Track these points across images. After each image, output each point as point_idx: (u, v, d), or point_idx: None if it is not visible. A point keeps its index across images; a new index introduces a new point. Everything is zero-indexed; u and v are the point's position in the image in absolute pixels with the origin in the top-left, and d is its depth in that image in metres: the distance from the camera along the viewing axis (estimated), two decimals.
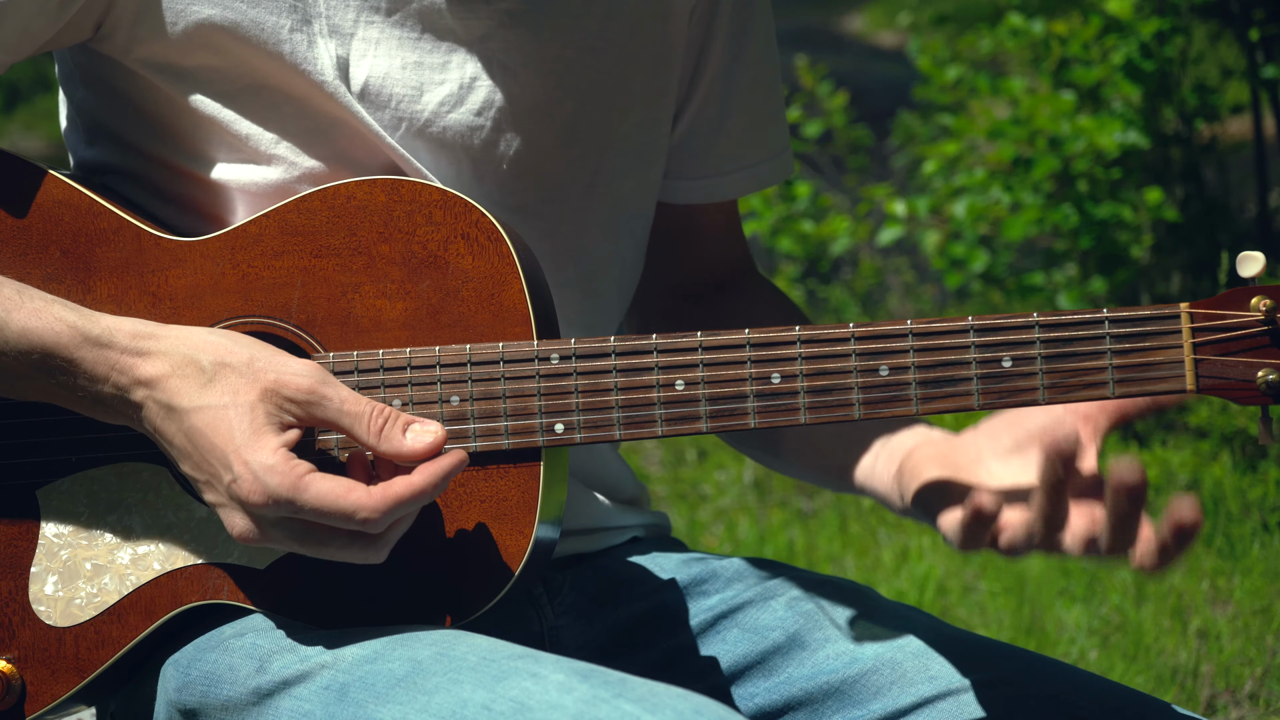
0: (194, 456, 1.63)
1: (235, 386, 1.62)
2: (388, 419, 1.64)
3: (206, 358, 1.63)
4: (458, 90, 1.80)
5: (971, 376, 1.65)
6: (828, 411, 1.66)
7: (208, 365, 1.63)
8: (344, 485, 1.60)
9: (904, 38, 8.92)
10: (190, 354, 1.64)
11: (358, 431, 1.63)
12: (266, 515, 1.60)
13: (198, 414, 1.62)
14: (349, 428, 1.63)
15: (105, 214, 1.74)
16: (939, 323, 1.66)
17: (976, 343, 1.65)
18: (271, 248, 1.72)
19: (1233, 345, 1.62)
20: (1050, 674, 1.82)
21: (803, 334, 1.67)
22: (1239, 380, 1.62)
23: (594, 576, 1.96)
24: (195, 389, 1.63)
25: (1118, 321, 1.64)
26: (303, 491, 1.59)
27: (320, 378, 1.63)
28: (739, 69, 1.98)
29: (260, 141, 1.78)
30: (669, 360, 1.68)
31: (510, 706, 1.53)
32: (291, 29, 1.76)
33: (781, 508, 4.92)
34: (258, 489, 1.59)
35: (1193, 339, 1.63)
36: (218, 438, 1.61)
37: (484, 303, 1.70)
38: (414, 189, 1.71)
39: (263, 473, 1.59)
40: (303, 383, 1.63)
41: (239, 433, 1.61)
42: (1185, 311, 1.63)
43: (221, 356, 1.64)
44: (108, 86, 1.82)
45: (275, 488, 1.59)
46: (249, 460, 1.60)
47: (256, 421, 1.61)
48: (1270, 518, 4.43)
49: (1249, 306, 1.62)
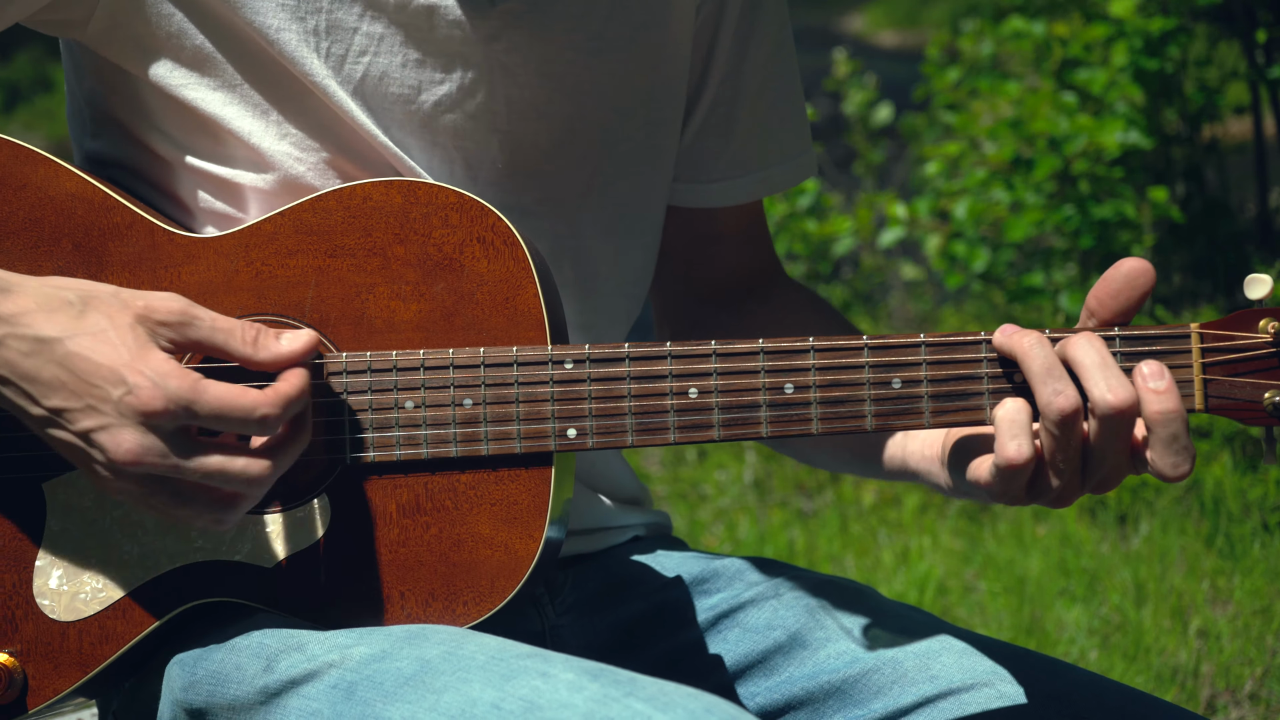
0: (70, 384, 1.59)
1: (108, 313, 1.61)
2: (259, 329, 1.64)
3: (71, 293, 1.62)
4: (455, 91, 1.80)
5: (984, 391, 1.66)
6: (840, 422, 1.67)
7: (74, 299, 1.62)
8: (238, 387, 1.60)
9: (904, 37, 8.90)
10: (53, 291, 1.62)
11: (232, 345, 1.63)
12: (164, 425, 1.59)
13: (74, 340, 1.60)
14: (222, 344, 1.63)
15: (119, 208, 1.74)
16: (952, 336, 1.67)
17: (989, 357, 1.66)
18: (286, 246, 1.72)
19: (1241, 366, 1.64)
20: (1050, 674, 1.82)
21: (816, 344, 1.67)
22: (1246, 401, 1.64)
23: (595, 576, 1.96)
24: (67, 320, 1.60)
25: (1129, 340, 1.65)
26: (202, 393, 1.58)
27: (187, 301, 1.63)
28: (748, 71, 1.98)
29: (262, 138, 1.78)
30: (683, 368, 1.68)
31: (520, 705, 1.53)
32: (279, 28, 1.76)
33: (782, 507, 4.92)
34: (158, 394, 1.58)
35: (1202, 359, 1.64)
36: (102, 357, 1.59)
37: (498, 306, 1.70)
38: (430, 191, 1.71)
39: (160, 378, 1.58)
40: (173, 304, 1.62)
41: (125, 349, 1.59)
42: (1195, 332, 1.64)
43: (86, 290, 1.63)
44: (111, 80, 1.82)
45: (175, 390, 1.58)
46: (143, 369, 1.58)
47: (140, 339, 1.60)
48: (1270, 518, 4.43)
49: (1257, 328, 1.64)
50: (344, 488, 1.71)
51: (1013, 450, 1.61)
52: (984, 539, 4.62)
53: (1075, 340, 1.62)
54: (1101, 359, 1.60)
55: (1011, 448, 1.61)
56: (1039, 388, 1.61)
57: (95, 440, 1.59)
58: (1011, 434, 1.61)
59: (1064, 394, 1.60)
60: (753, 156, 2.01)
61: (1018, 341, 1.63)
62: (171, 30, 1.76)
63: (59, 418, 1.60)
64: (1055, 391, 1.61)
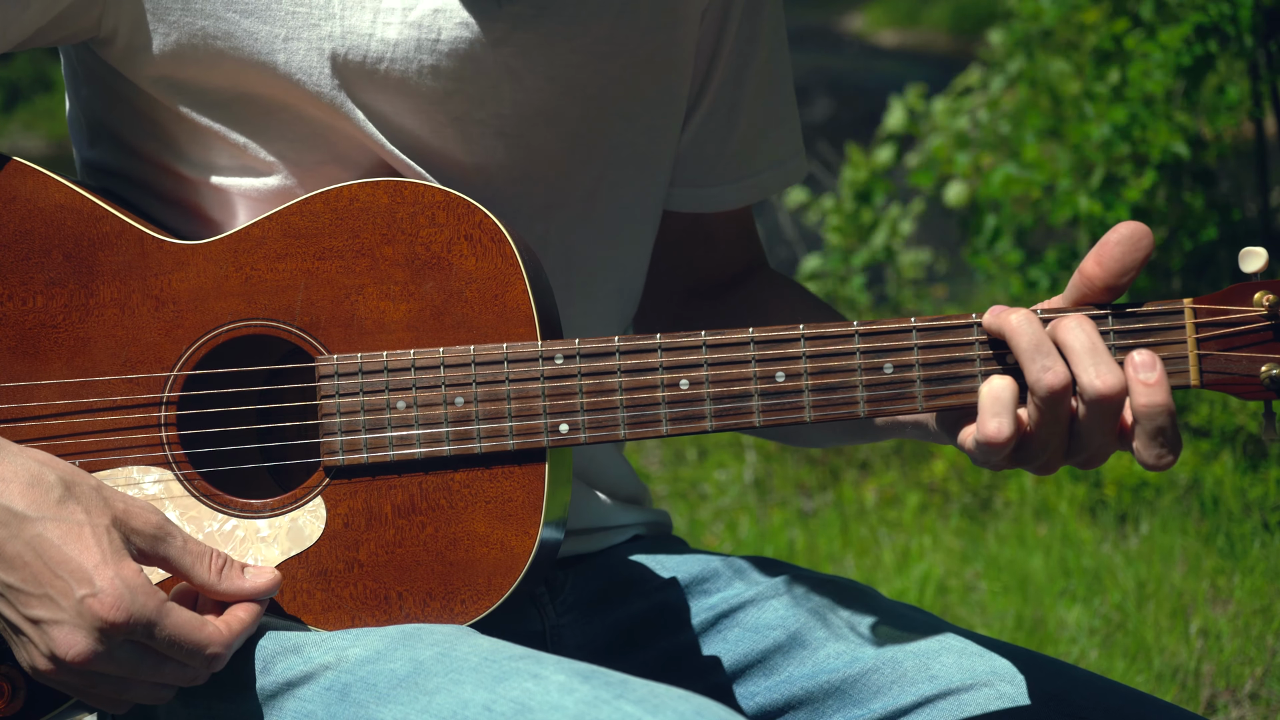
0: (33, 567, 1.57)
1: (89, 507, 1.59)
2: (226, 560, 1.64)
3: (54, 475, 1.60)
4: (468, 94, 1.79)
5: (976, 374, 1.65)
6: (832, 409, 1.67)
7: (56, 482, 1.59)
8: (199, 618, 1.60)
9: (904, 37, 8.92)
10: (37, 468, 1.60)
11: (197, 570, 1.62)
12: (115, 636, 1.57)
13: (50, 524, 1.57)
14: (189, 566, 1.62)
15: (108, 218, 1.74)
16: (943, 320, 1.66)
17: (980, 339, 1.65)
18: (274, 250, 1.72)
19: (1236, 340, 1.62)
20: (1050, 674, 1.82)
21: (807, 332, 1.67)
22: (1242, 375, 1.62)
23: (595, 576, 1.96)
24: (44, 502, 1.58)
25: (1121, 316, 1.64)
26: (165, 616, 1.58)
27: (165, 517, 1.63)
28: (747, 76, 1.98)
29: (257, 150, 1.78)
30: (673, 359, 1.68)
31: (511, 707, 1.53)
32: (286, 37, 1.76)
33: (782, 507, 4.93)
34: (122, 606, 1.56)
35: (1196, 334, 1.63)
36: (73, 551, 1.57)
37: (488, 304, 1.70)
38: (417, 190, 1.71)
39: (131, 591, 1.56)
40: (152, 517, 1.61)
41: (100, 550, 1.57)
42: (1189, 307, 1.63)
43: (69, 475, 1.61)
44: (109, 88, 1.82)
45: (142, 608, 1.56)
46: (117, 576, 1.56)
47: (115, 544, 1.58)
48: (1271, 517, 4.43)
49: (1252, 301, 1.62)
50: (338, 490, 1.71)
51: (992, 429, 1.61)
52: (984, 539, 4.62)
53: (1065, 322, 1.61)
54: (1091, 343, 1.60)
55: (992, 426, 1.61)
56: (1027, 364, 1.61)
57: (46, 632, 1.57)
58: (994, 411, 1.61)
59: (1052, 370, 1.60)
60: (748, 161, 2.01)
61: (1005, 319, 1.63)
62: (171, 39, 1.75)
63: (9, 594, 1.58)
64: (1043, 368, 1.60)
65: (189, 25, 1.74)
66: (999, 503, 4.87)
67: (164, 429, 1.73)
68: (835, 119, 7.40)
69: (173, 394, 1.73)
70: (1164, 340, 1.63)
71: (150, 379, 1.73)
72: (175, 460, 1.72)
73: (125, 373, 1.73)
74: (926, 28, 14.69)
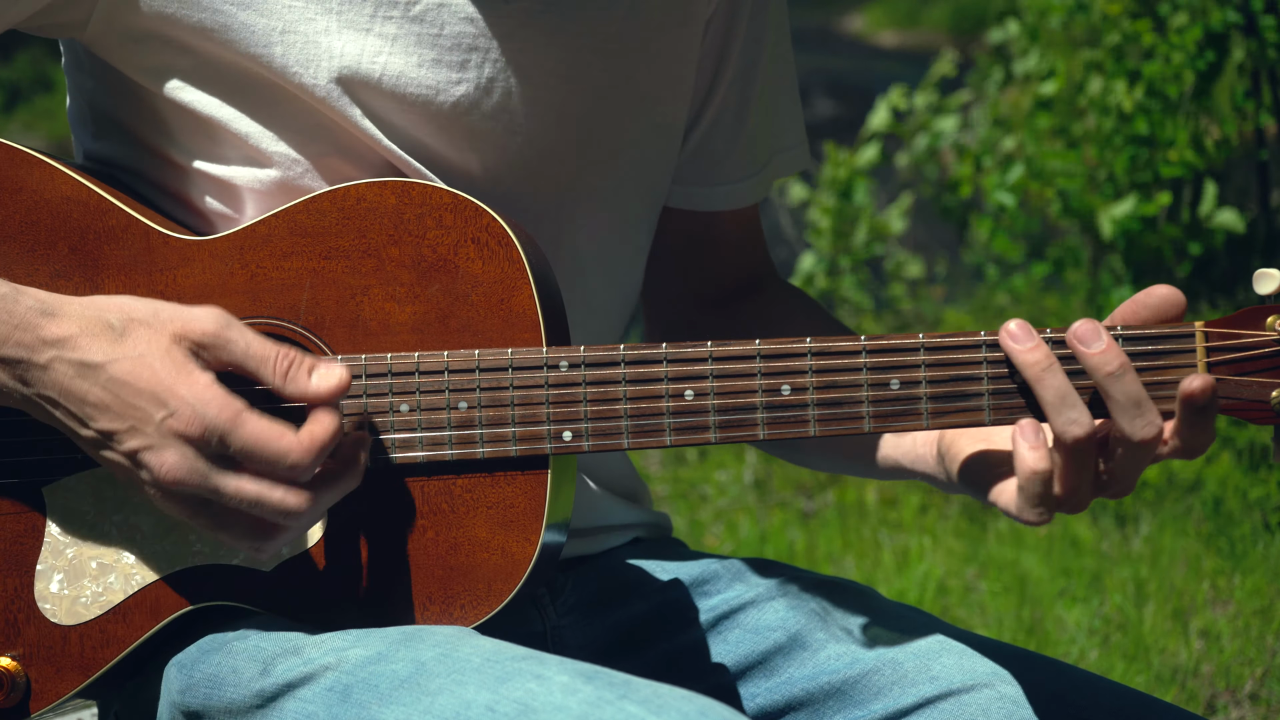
0: (115, 407, 1.61)
1: (147, 337, 1.62)
2: (293, 361, 1.64)
3: (114, 316, 1.63)
4: (474, 91, 1.80)
5: (983, 391, 1.65)
6: (837, 424, 1.66)
7: (116, 322, 1.63)
8: (278, 428, 1.61)
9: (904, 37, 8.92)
10: (97, 314, 1.63)
11: (264, 373, 1.63)
12: (198, 448, 1.60)
13: (117, 364, 1.61)
14: (255, 369, 1.63)
15: (114, 211, 1.74)
16: (951, 337, 1.66)
17: (989, 358, 1.65)
18: (280, 248, 1.72)
19: (1247, 365, 1.62)
20: (1050, 674, 1.82)
21: (813, 346, 1.66)
22: (1253, 400, 1.62)
23: (596, 577, 1.96)
24: (108, 344, 1.62)
25: (1131, 339, 1.64)
26: (240, 425, 1.60)
27: (225, 321, 1.64)
28: (755, 76, 1.98)
29: (260, 140, 1.77)
30: (679, 370, 1.68)
31: (514, 708, 1.53)
32: (284, 30, 1.76)
33: (782, 508, 4.93)
34: (195, 419, 1.59)
35: (1207, 358, 1.62)
36: (144, 382, 1.61)
37: (493, 308, 1.70)
38: (424, 191, 1.71)
39: (201, 404, 1.60)
40: (208, 326, 1.63)
41: (166, 373, 1.61)
42: (1200, 330, 1.62)
43: (128, 312, 1.63)
44: (111, 80, 1.82)
45: (214, 418, 1.59)
46: (184, 393, 1.60)
47: (178, 361, 1.61)
48: (1271, 518, 4.44)
49: (1264, 326, 1.61)
50: None
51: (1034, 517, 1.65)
52: (984, 539, 4.62)
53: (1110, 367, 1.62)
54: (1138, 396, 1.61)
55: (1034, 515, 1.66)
56: (1053, 416, 1.62)
57: (142, 460, 1.61)
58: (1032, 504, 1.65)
59: (1078, 422, 1.61)
60: (756, 159, 2.01)
61: (1028, 361, 1.63)
62: (169, 32, 1.76)
63: (108, 440, 1.62)
64: (1070, 421, 1.62)
65: (185, 17, 1.74)
66: None
67: None
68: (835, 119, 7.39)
69: None
70: (1174, 364, 1.63)
71: None
72: None
73: None
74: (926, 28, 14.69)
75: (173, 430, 1.59)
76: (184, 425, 1.59)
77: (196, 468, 1.60)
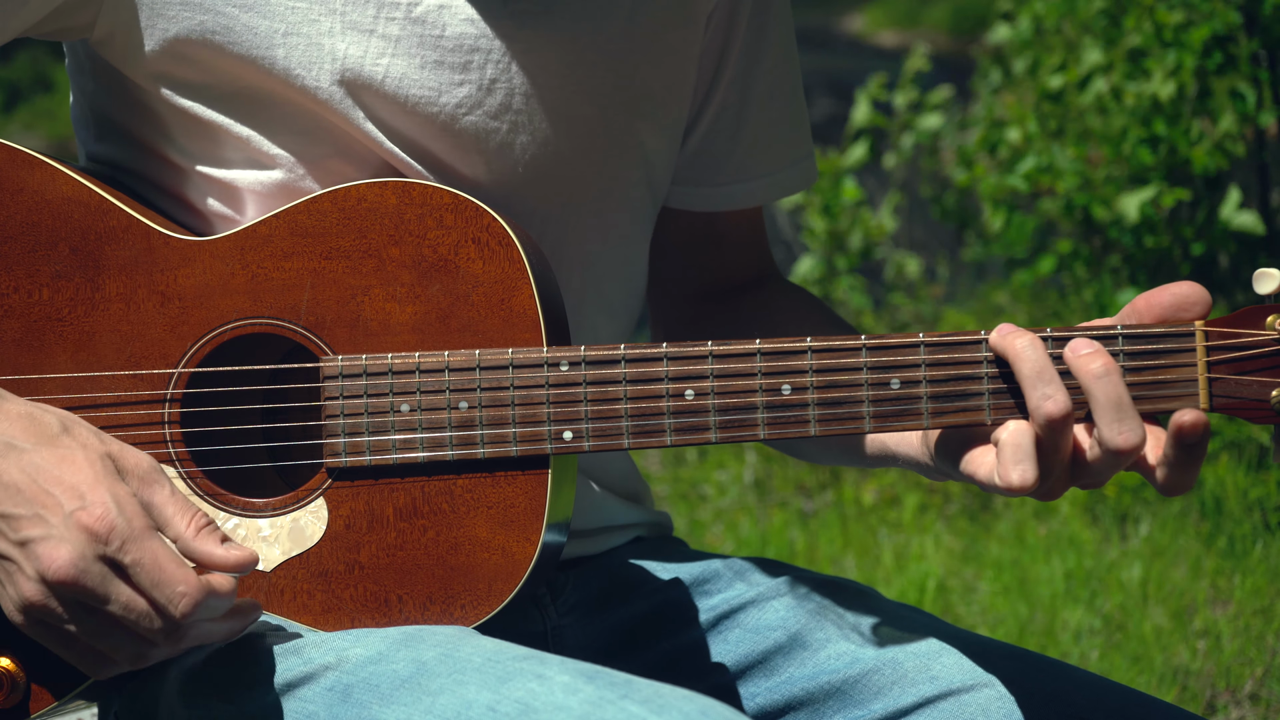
0: (27, 490, 1.57)
1: (85, 441, 1.60)
2: (209, 523, 1.61)
3: (53, 417, 1.61)
4: (476, 92, 1.80)
5: (983, 391, 1.65)
6: (838, 424, 1.66)
7: (54, 423, 1.61)
8: (180, 557, 1.58)
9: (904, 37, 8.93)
10: (38, 412, 1.61)
11: (176, 521, 1.60)
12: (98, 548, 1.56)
13: (45, 452, 1.58)
14: (169, 516, 1.60)
15: (115, 211, 1.74)
16: (951, 336, 1.66)
17: (989, 357, 1.65)
18: (281, 249, 1.72)
19: (1247, 364, 1.61)
20: (1051, 674, 1.82)
21: (814, 344, 1.66)
22: (1253, 399, 1.61)
23: (597, 577, 1.96)
24: (43, 436, 1.59)
25: (1131, 338, 1.63)
26: (147, 539, 1.56)
27: (157, 464, 1.62)
28: (756, 74, 1.98)
29: (261, 143, 1.78)
30: (679, 369, 1.68)
31: (515, 708, 1.53)
32: (286, 32, 1.76)
33: (782, 508, 4.93)
34: (108, 518, 1.55)
35: (1207, 357, 1.62)
36: (68, 474, 1.57)
37: (494, 308, 1.70)
38: (425, 192, 1.71)
39: (118, 506, 1.56)
40: (143, 460, 1.61)
41: (92, 473, 1.57)
42: (1200, 330, 1.62)
43: (67, 418, 1.62)
44: (114, 82, 1.82)
45: (128, 523, 1.56)
46: (104, 493, 1.56)
47: (108, 469, 1.59)
48: (1271, 518, 4.43)
49: (1264, 325, 1.61)
50: (341, 491, 1.71)
51: (1016, 478, 1.61)
52: (984, 539, 4.63)
53: (1091, 369, 1.61)
54: (1118, 398, 1.60)
55: (1015, 475, 1.61)
56: (1029, 391, 1.61)
57: (33, 551, 1.56)
58: (1015, 460, 1.61)
59: (1053, 399, 1.60)
60: (760, 161, 2.01)
61: (1011, 342, 1.63)
62: (171, 34, 1.76)
63: (2, 523, 1.58)
64: (1044, 396, 1.60)
65: (188, 20, 1.74)
66: (999, 503, 4.87)
67: (167, 426, 1.73)
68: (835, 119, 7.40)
69: (177, 390, 1.73)
70: (1174, 363, 1.62)
71: (154, 375, 1.73)
72: (178, 457, 1.72)
73: (130, 368, 1.73)
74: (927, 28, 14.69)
75: (80, 523, 1.55)
76: (94, 520, 1.55)
77: (92, 569, 1.55)
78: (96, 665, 1.61)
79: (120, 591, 1.56)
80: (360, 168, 1.79)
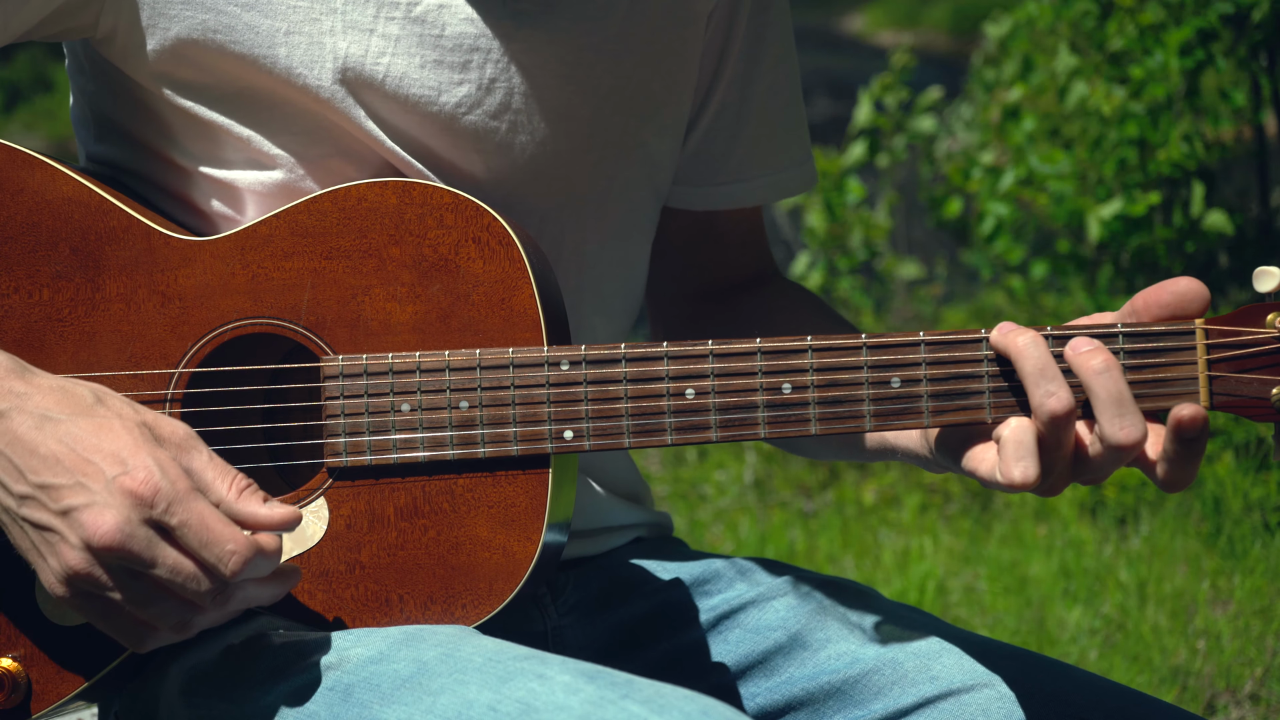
0: (67, 460, 1.56)
1: (120, 410, 1.60)
2: (250, 484, 1.60)
3: (86, 389, 1.61)
4: (476, 91, 1.80)
5: (984, 389, 1.65)
6: (839, 422, 1.66)
7: (88, 394, 1.61)
8: (224, 517, 1.57)
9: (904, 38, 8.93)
10: (70, 385, 1.61)
11: (218, 485, 1.59)
12: (143, 513, 1.56)
13: (82, 421, 1.58)
14: (210, 480, 1.59)
15: (115, 212, 1.74)
16: (952, 334, 1.66)
17: (990, 355, 1.65)
18: (282, 249, 1.72)
19: (1248, 362, 1.61)
20: (1051, 674, 1.82)
21: (814, 343, 1.66)
22: (1253, 398, 1.61)
23: (597, 577, 1.96)
24: (78, 407, 1.59)
25: (1132, 336, 1.63)
26: (192, 500, 1.56)
27: (193, 431, 1.61)
28: (756, 74, 1.98)
29: (262, 143, 1.78)
30: (679, 368, 1.68)
31: (516, 708, 1.53)
32: (288, 31, 1.76)
33: (782, 508, 4.93)
34: (152, 481, 1.55)
35: (1207, 355, 1.62)
36: (107, 441, 1.57)
37: (494, 307, 1.70)
38: (425, 191, 1.71)
39: (159, 468, 1.56)
40: (179, 428, 1.60)
41: (130, 438, 1.57)
42: (1200, 328, 1.62)
43: (100, 392, 1.62)
44: (114, 82, 1.82)
45: (171, 485, 1.55)
46: (145, 457, 1.56)
47: (145, 435, 1.58)
48: (1271, 518, 4.43)
49: (1265, 323, 1.61)
50: (341, 491, 1.71)
51: (1018, 474, 1.61)
52: (984, 539, 4.63)
53: (1092, 365, 1.61)
54: (1118, 393, 1.60)
55: (1017, 472, 1.61)
56: (1031, 388, 1.61)
57: (75, 518, 1.56)
58: (1018, 456, 1.61)
59: (1055, 395, 1.60)
60: (760, 161, 2.01)
61: (1012, 340, 1.63)
62: (172, 33, 1.76)
63: (42, 494, 1.57)
64: (1047, 393, 1.60)
65: (189, 19, 1.75)
66: (999, 503, 4.87)
67: None
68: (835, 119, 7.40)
69: (177, 390, 1.73)
70: (1174, 360, 1.62)
71: (155, 375, 1.73)
72: None
73: (130, 368, 1.73)
74: (927, 28, 14.70)
75: (124, 487, 1.55)
76: (138, 484, 1.55)
77: (139, 532, 1.55)
78: (139, 636, 1.61)
79: (167, 554, 1.55)
80: (360, 167, 1.79)
